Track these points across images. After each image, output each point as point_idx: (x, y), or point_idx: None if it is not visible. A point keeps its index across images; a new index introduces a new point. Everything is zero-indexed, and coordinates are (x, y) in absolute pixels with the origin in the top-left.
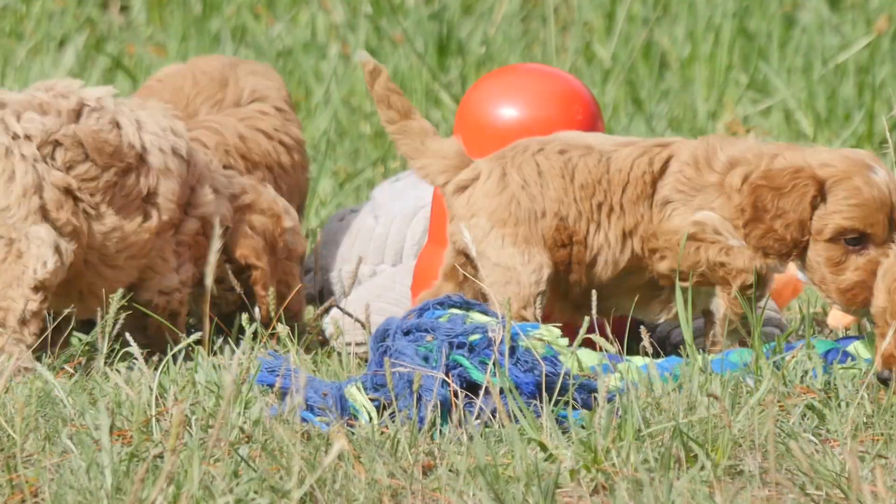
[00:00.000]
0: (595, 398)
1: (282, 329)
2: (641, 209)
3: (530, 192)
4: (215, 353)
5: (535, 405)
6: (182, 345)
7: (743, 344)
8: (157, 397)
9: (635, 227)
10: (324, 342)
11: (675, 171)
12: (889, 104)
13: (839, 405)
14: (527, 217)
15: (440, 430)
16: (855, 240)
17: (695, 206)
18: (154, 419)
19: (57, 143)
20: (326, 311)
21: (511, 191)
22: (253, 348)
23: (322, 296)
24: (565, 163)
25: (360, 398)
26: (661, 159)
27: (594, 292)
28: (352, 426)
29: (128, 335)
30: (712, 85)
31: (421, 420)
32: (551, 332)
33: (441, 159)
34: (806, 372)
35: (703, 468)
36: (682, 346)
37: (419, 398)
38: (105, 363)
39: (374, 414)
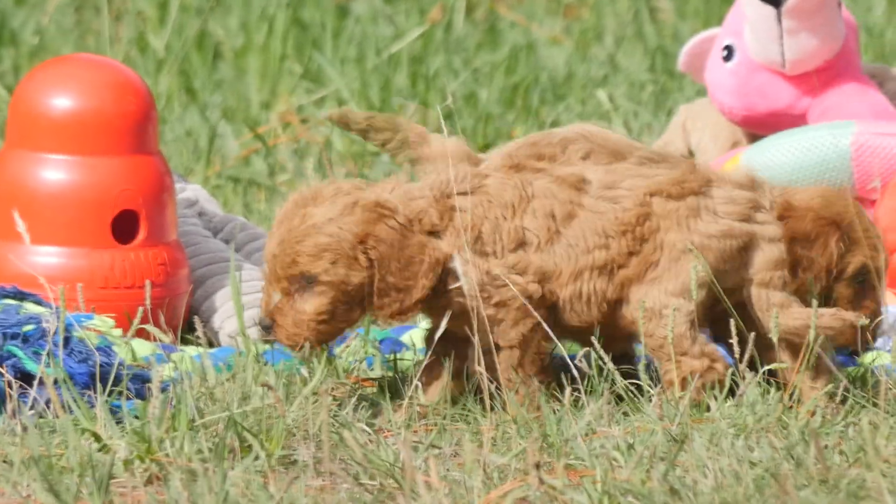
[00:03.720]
0: (149, 388)
1: None
2: None
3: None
4: None
5: (90, 395)
6: None
7: None
8: None
9: None
10: None
11: None
12: (442, 94)
13: (393, 396)
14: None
15: None
16: None
17: None
18: None
19: None
20: None
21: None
22: None
23: None
24: None
25: None
26: None
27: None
28: None
29: None
30: (266, 75)
31: None
32: (105, 322)
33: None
34: (361, 361)
35: (257, 458)
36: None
37: None
38: None
39: None
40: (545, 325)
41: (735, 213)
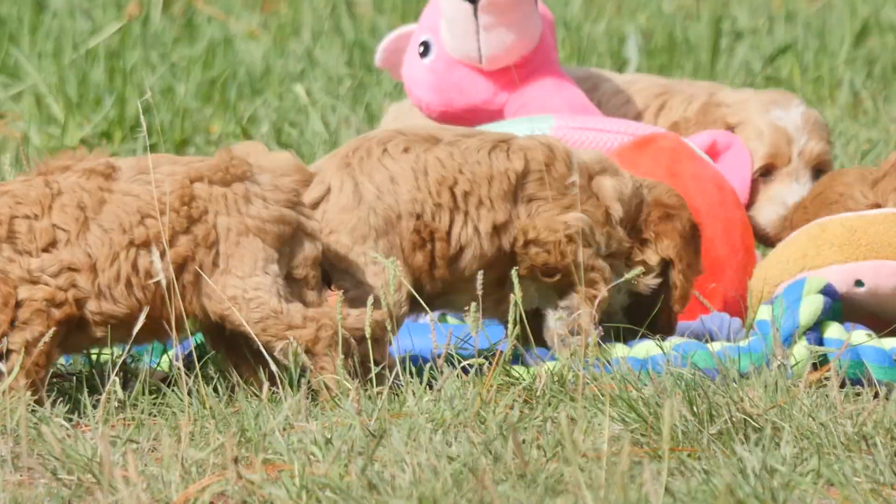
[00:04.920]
0: None
1: None
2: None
3: (385, 200)
4: None
5: None
6: None
7: None
8: None
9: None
10: None
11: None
12: (140, 88)
13: (92, 391)
14: (385, 228)
15: None
16: None
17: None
18: None
19: None
20: None
21: (368, 203)
22: None
23: None
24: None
25: None
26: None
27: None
28: None
29: None
30: None
31: None
32: None
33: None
34: (60, 356)
35: None
36: None
37: None
38: None
39: None
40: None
41: (283, 200)
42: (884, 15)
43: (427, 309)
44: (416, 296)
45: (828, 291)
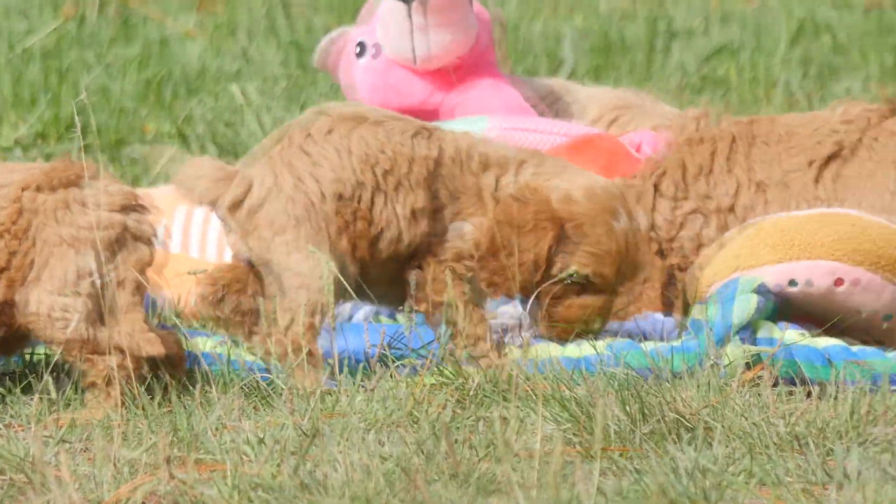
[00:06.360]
0: None
1: None
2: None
3: (306, 185)
4: None
5: None
6: None
7: None
8: None
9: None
10: None
11: None
12: (76, 88)
13: (25, 390)
14: (306, 214)
15: None
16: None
17: None
18: None
19: None
20: None
21: (286, 193)
22: None
23: None
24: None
25: None
26: None
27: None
28: None
29: None
30: None
31: None
32: None
33: (199, 179)
34: None
35: None
36: None
37: None
38: None
39: None
40: None
41: (108, 204)
42: (820, 15)
43: (353, 294)
44: (346, 284)
45: (761, 291)
